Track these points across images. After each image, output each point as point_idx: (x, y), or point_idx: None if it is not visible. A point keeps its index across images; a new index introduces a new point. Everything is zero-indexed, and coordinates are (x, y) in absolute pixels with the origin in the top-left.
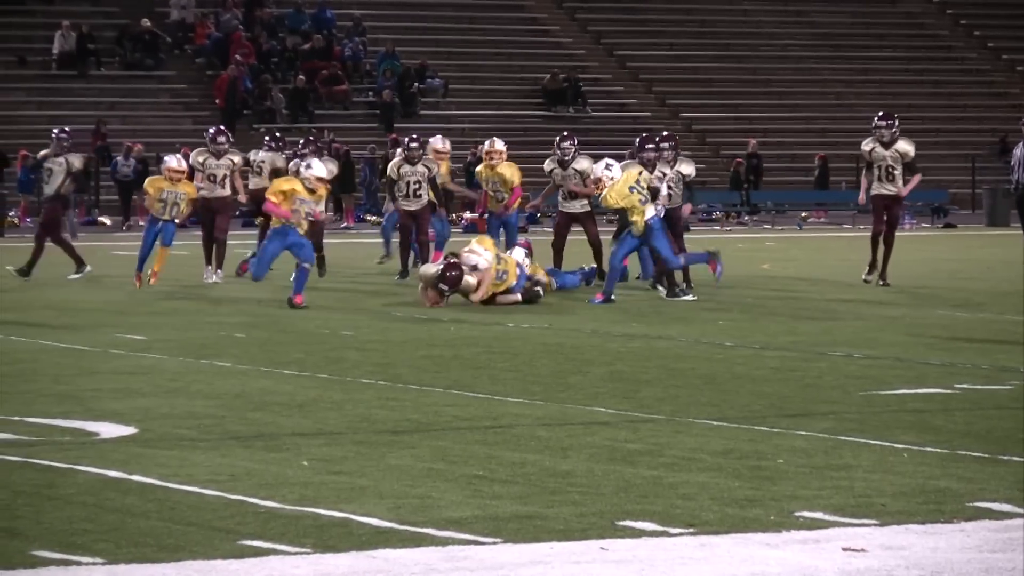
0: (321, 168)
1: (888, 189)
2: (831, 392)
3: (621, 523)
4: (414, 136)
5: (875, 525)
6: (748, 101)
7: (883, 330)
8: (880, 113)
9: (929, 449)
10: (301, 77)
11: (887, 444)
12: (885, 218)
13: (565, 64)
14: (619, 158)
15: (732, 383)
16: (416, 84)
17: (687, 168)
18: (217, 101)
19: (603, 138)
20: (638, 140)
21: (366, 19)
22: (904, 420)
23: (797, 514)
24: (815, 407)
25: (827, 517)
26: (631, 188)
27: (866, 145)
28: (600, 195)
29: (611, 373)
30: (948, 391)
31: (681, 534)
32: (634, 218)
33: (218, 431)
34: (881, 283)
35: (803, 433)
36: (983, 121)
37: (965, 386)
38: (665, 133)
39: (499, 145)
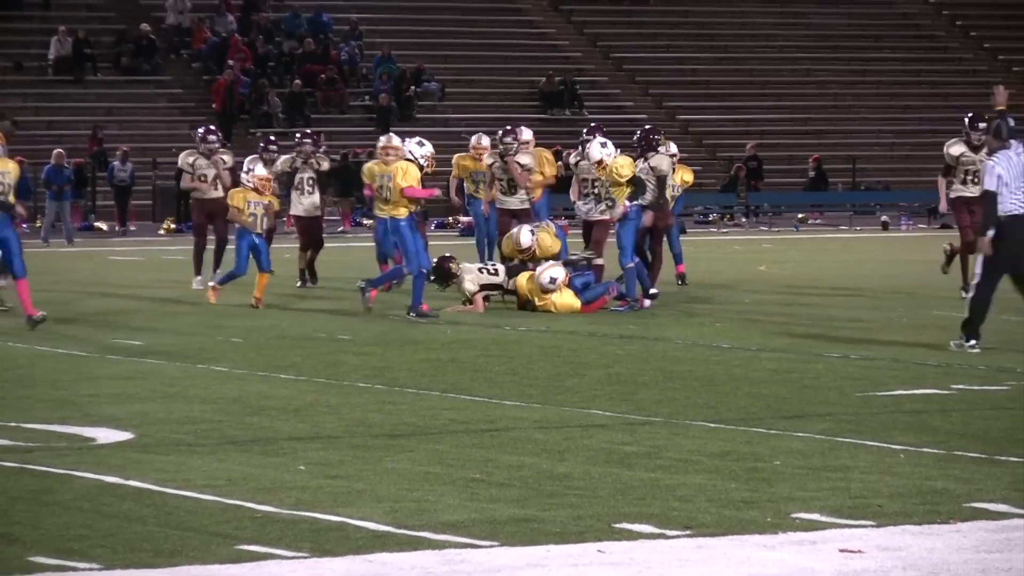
0: (429, 147)
1: (972, 192)
2: (828, 393)
3: (618, 525)
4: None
5: (872, 526)
6: (745, 103)
7: (880, 331)
8: (970, 114)
9: (926, 450)
10: (297, 81)
11: (884, 445)
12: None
13: (561, 67)
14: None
15: (729, 385)
16: (412, 87)
17: (655, 162)
18: (214, 105)
19: None
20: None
21: (362, 23)
22: (901, 421)
23: (794, 515)
24: (812, 408)
25: (824, 518)
26: None
27: (953, 148)
28: (604, 177)
29: (608, 376)
30: (945, 392)
31: (678, 536)
32: (621, 200)
33: (215, 436)
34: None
35: (800, 435)
36: None
37: (962, 387)
38: (648, 126)
39: (395, 141)
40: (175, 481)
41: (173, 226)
